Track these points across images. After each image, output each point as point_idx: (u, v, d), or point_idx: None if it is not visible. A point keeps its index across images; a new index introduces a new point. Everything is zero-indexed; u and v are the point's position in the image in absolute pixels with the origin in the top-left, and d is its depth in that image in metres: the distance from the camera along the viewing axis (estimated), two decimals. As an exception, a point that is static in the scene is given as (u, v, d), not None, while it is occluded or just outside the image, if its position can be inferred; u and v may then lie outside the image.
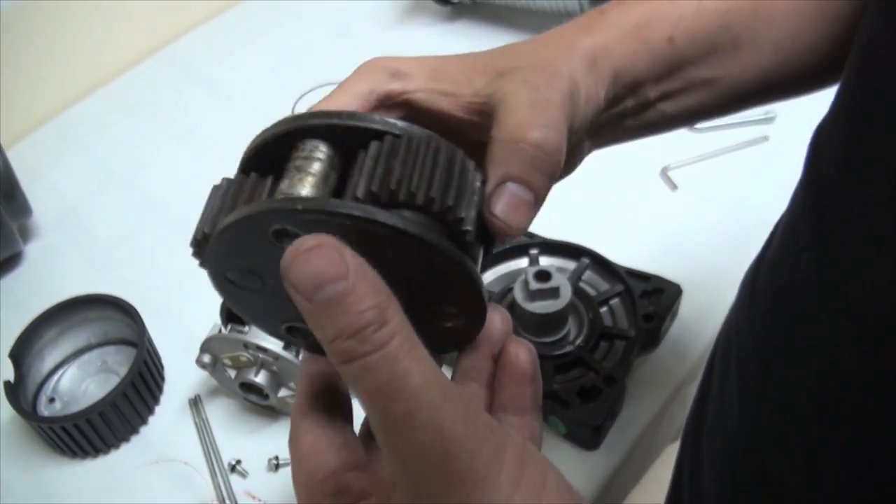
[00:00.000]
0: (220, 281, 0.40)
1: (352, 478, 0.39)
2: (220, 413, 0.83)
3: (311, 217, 0.34)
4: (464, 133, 0.46)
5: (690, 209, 0.94)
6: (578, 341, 0.78)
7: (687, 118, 0.54)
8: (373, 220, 0.34)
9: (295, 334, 0.43)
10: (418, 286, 0.36)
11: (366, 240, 0.34)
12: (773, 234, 0.55)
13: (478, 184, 0.39)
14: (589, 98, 0.46)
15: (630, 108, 0.51)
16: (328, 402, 0.42)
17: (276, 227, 0.35)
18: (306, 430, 0.40)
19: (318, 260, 0.31)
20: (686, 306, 0.82)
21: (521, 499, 0.33)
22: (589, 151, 0.54)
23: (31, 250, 1.04)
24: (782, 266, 0.49)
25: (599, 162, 0.98)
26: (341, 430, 0.41)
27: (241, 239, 0.36)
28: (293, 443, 0.40)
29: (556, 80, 0.44)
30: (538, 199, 0.41)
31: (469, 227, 0.37)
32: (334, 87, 0.46)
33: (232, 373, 0.77)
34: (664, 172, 0.97)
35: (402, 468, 0.33)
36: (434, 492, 0.33)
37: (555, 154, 0.41)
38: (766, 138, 1.00)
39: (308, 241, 0.32)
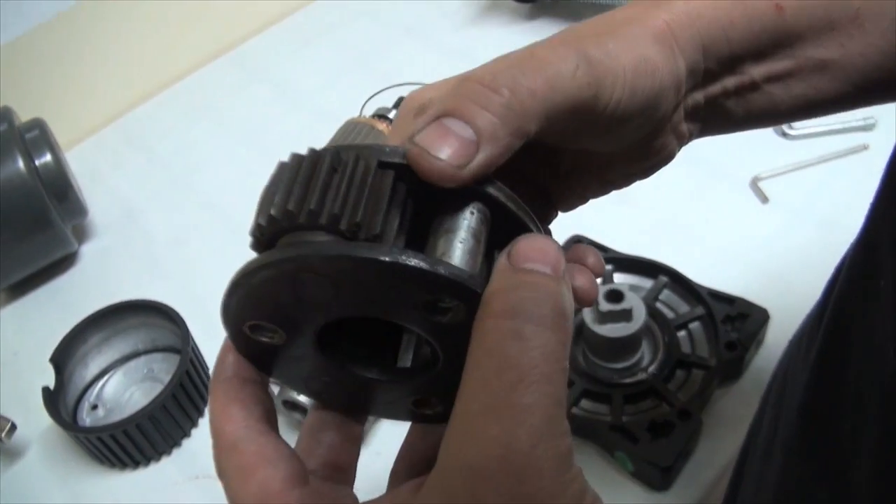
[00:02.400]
0: (237, 330, 0.35)
1: (321, 487, 0.35)
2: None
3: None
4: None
5: (782, 224, 0.85)
6: (652, 369, 0.71)
7: (802, 108, 0.45)
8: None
9: (320, 390, 0.39)
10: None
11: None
12: (843, 260, 0.49)
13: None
14: (656, 71, 0.38)
15: (731, 89, 0.43)
16: (266, 413, 0.37)
17: (422, 297, 0.31)
18: (249, 440, 0.35)
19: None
20: (773, 333, 0.75)
21: None
22: (691, 137, 0.46)
23: (86, 251, 1.01)
24: (853, 293, 0.44)
25: (683, 169, 0.92)
26: (284, 443, 0.36)
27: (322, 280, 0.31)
28: (228, 453, 0.35)
29: (577, 42, 0.36)
30: (483, 140, 0.32)
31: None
32: (404, 87, 0.41)
33: (276, 389, 0.73)
34: (754, 183, 0.89)
35: (469, 464, 0.28)
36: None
37: (505, 93, 0.33)
38: (865, 147, 0.91)
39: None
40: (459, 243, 0.33)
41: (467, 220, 0.34)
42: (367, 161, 0.33)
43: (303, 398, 0.72)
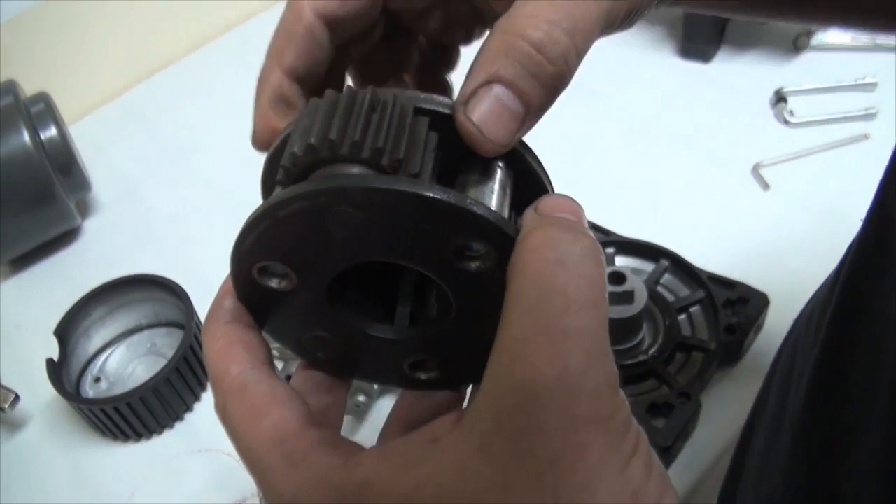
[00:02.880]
0: (246, 270, 0.34)
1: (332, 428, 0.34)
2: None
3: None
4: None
5: (782, 211, 0.86)
6: (652, 351, 0.72)
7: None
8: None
9: (315, 347, 0.38)
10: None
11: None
12: (849, 249, 0.50)
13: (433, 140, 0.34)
14: None
15: None
16: (269, 357, 0.36)
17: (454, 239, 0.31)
18: (258, 381, 0.33)
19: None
20: (772, 318, 0.75)
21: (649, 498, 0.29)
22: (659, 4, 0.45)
23: (89, 226, 1.02)
24: (865, 267, 0.45)
25: (685, 155, 0.93)
26: (291, 387, 0.35)
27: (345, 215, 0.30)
28: (236, 395, 0.33)
29: None
30: (529, 114, 0.33)
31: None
32: None
33: (279, 364, 0.73)
34: (756, 170, 0.89)
35: (522, 388, 0.28)
36: (534, 438, 0.28)
37: (559, 62, 0.32)
38: (866, 136, 0.91)
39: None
40: (491, 192, 0.33)
41: (497, 173, 0.34)
42: (403, 104, 0.33)
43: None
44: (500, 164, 0.34)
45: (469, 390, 0.39)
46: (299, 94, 0.38)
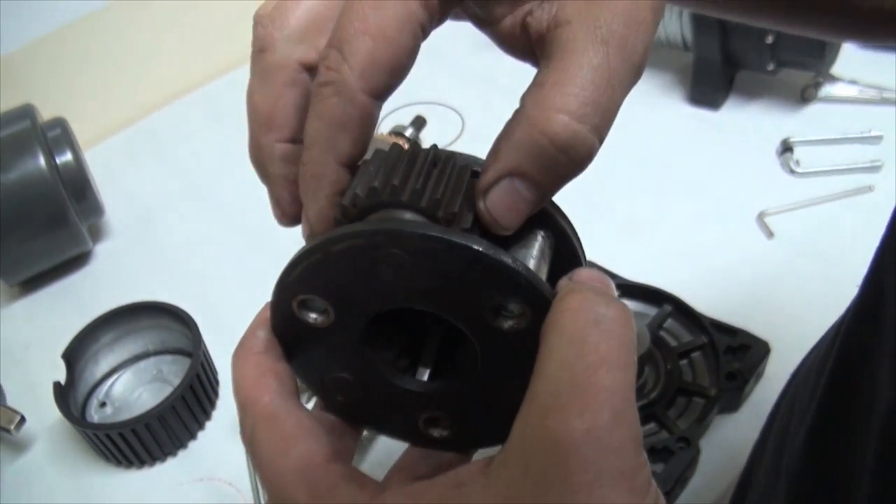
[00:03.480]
0: (286, 302, 0.35)
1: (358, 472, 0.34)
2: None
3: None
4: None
5: (786, 260, 0.87)
6: (653, 395, 0.73)
7: None
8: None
9: (337, 389, 0.38)
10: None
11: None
12: (854, 299, 0.51)
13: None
14: None
15: None
16: (297, 391, 0.36)
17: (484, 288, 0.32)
18: (288, 411, 0.34)
19: None
20: (773, 367, 0.76)
21: None
22: None
23: (101, 250, 1.03)
24: (860, 327, 0.45)
25: (691, 201, 0.94)
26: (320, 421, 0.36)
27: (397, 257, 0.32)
28: (265, 423, 0.34)
29: (639, 26, 0.33)
30: (542, 200, 0.34)
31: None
32: (420, 106, 0.41)
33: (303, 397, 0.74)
34: (760, 218, 0.91)
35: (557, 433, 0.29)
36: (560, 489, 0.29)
37: (582, 159, 0.33)
38: (871, 188, 0.92)
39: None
40: (532, 259, 0.35)
41: (538, 241, 0.36)
42: (462, 165, 0.34)
43: (310, 405, 0.73)
44: (543, 232, 0.36)
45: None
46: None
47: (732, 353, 0.75)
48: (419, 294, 0.33)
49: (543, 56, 0.34)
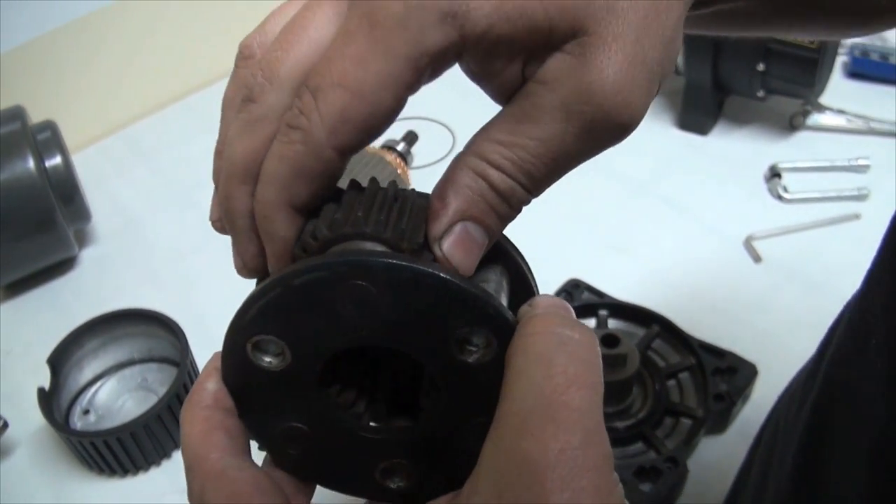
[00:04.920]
0: (240, 345, 0.34)
1: None
2: (255, 447, 0.79)
3: None
4: None
5: (773, 284, 0.88)
6: (641, 415, 0.73)
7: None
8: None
9: (290, 441, 0.37)
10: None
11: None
12: (837, 320, 0.51)
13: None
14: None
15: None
16: (248, 446, 0.36)
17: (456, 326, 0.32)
18: (238, 469, 0.33)
19: None
20: (760, 389, 0.77)
21: None
22: None
23: (86, 256, 1.02)
24: (846, 353, 0.46)
25: (681, 224, 0.95)
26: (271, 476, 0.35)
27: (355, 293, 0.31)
28: (215, 482, 0.33)
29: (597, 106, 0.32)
30: (492, 240, 0.34)
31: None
32: (412, 121, 0.41)
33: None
34: (748, 242, 0.91)
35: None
36: None
37: (518, 208, 0.34)
38: (857, 216, 0.94)
39: None
40: (493, 292, 0.34)
41: (495, 275, 0.36)
42: (420, 202, 0.34)
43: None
44: (497, 266, 0.36)
45: None
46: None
47: (720, 374, 0.76)
48: (382, 330, 0.32)
49: (512, 100, 0.33)
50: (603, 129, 0.32)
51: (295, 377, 0.34)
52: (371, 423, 0.36)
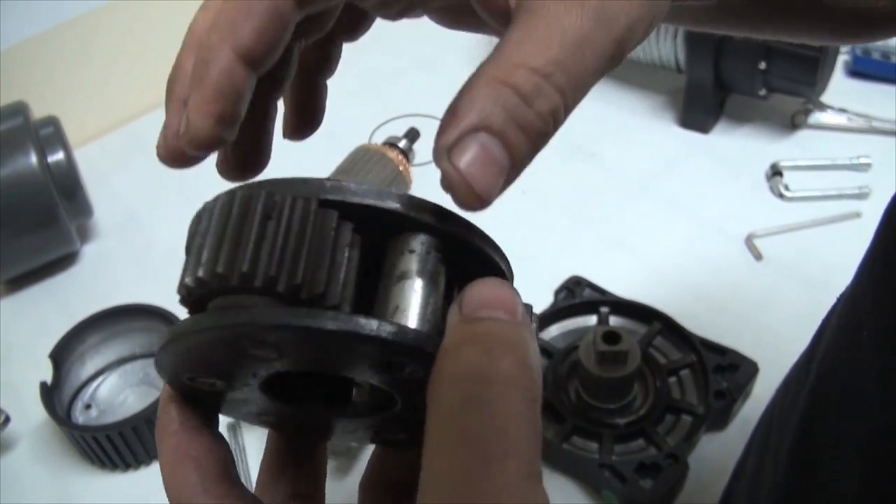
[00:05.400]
0: (175, 381, 0.33)
1: None
2: (258, 442, 0.79)
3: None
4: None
5: (774, 282, 0.88)
6: (642, 411, 0.73)
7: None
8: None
9: (274, 423, 0.37)
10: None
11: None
12: (830, 313, 0.52)
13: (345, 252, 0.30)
14: None
15: None
16: (219, 463, 0.34)
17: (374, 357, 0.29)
18: (206, 501, 0.33)
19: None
20: (761, 386, 0.77)
21: None
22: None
23: (88, 251, 1.02)
24: (839, 345, 0.46)
25: (682, 222, 0.95)
26: (243, 493, 0.34)
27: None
28: None
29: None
30: (513, 167, 0.29)
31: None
32: (414, 118, 0.39)
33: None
34: (749, 240, 0.92)
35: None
36: None
37: (547, 118, 0.29)
38: (858, 214, 0.94)
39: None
40: (414, 292, 0.30)
41: (423, 262, 0.30)
42: (305, 202, 0.29)
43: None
44: (430, 247, 0.30)
45: None
46: (249, 86, 0.32)
47: (721, 371, 0.76)
48: (298, 364, 0.30)
49: (511, 22, 0.30)
50: (615, 10, 0.29)
51: (242, 392, 0.33)
52: (342, 415, 0.35)
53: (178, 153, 0.34)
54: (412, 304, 0.29)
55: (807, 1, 0.46)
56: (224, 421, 0.82)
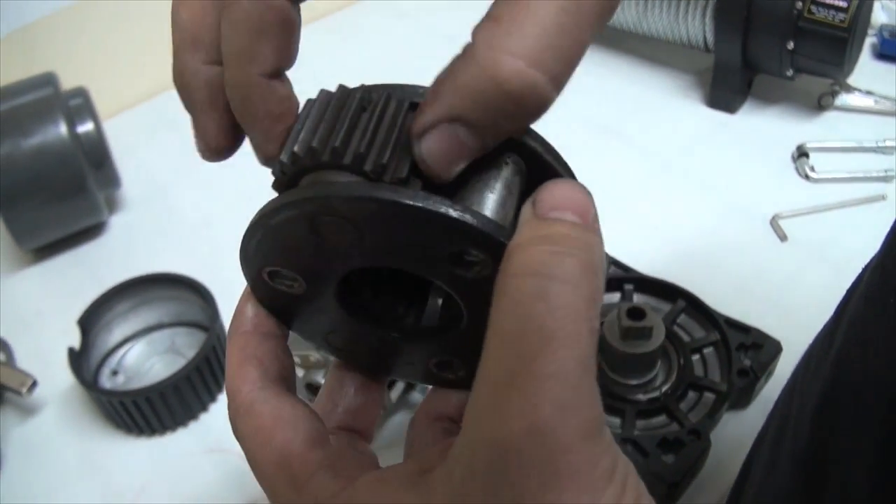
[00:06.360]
0: (256, 276, 0.35)
1: (341, 447, 0.34)
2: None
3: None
4: None
5: (798, 263, 0.88)
6: (665, 388, 0.73)
7: None
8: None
9: (340, 344, 0.38)
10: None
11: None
12: (857, 280, 0.52)
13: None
14: None
15: None
16: (282, 371, 0.36)
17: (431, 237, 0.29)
18: (264, 402, 0.34)
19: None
20: (784, 366, 0.77)
21: None
22: None
23: (116, 222, 1.03)
24: (867, 312, 0.46)
25: (706, 202, 0.95)
26: (301, 404, 0.35)
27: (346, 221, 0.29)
28: (245, 416, 0.34)
29: None
30: (485, 147, 0.29)
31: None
32: None
33: (300, 372, 0.75)
34: (774, 221, 0.91)
35: (491, 443, 0.27)
36: (523, 489, 0.26)
37: (534, 110, 0.28)
38: (883, 197, 0.93)
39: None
40: (491, 193, 0.31)
41: (501, 170, 0.31)
42: (398, 101, 0.31)
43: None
44: (507, 159, 0.32)
45: None
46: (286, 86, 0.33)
47: (744, 350, 0.76)
48: (374, 253, 0.31)
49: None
50: None
51: (318, 297, 0.34)
52: (408, 332, 0.36)
53: (225, 155, 0.36)
54: (489, 203, 0.31)
55: None
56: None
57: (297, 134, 0.31)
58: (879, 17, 1.11)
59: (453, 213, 0.28)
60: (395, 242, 0.30)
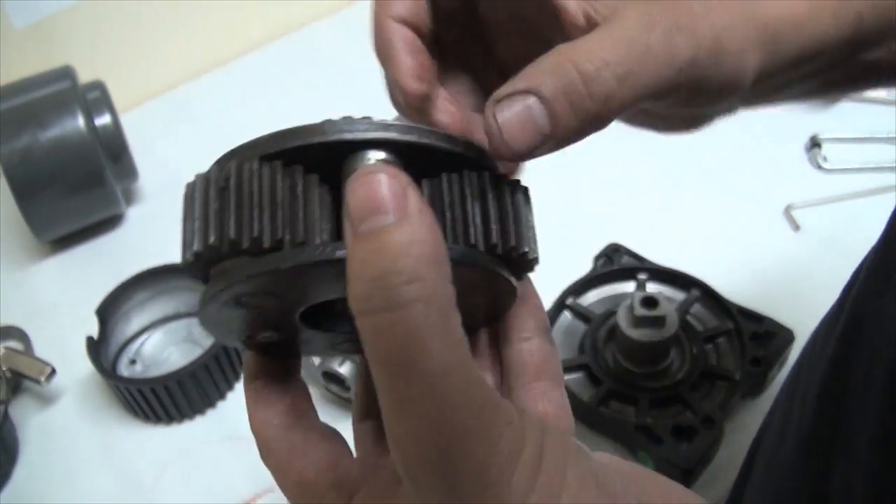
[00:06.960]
0: (238, 344, 0.37)
1: (346, 467, 0.37)
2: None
3: None
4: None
5: (811, 253, 0.88)
6: (679, 376, 0.74)
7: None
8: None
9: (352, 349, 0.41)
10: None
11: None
12: (864, 260, 0.52)
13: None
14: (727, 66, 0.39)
15: (783, 82, 0.46)
16: (292, 404, 0.38)
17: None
18: (277, 439, 0.37)
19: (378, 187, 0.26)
20: (797, 354, 0.76)
21: (537, 499, 0.28)
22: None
23: (133, 214, 1.04)
24: (869, 287, 0.47)
25: (719, 190, 0.95)
26: (315, 429, 0.38)
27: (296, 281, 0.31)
28: (266, 454, 0.37)
29: (691, 36, 0.36)
30: (553, 135, 0.32)
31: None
32: None
33: (316, 360, 0.75)
34: (787, 211, 0.92)
35: (402, 463, 0.28)
36: (437, 495, 0.28)
37: (599, 100, 0.33)
38: (896, 189, 0.93)
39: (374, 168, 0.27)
40: None
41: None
42: (248, 164, 0.32)
43: (341, 369, 0.74)
44: (363, 158, 0.32)
45: None
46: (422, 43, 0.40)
47: (757, 339, 0.76)
48: (302, 299, 0.33)
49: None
50: (678, 39, 0.35)
51: (296, 333, 0.36)
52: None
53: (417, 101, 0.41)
54: None
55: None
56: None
57: (190, 234, 0.32)
58: None
59: (317, 258, 0.30)
60: (324, 287, 0.32)
